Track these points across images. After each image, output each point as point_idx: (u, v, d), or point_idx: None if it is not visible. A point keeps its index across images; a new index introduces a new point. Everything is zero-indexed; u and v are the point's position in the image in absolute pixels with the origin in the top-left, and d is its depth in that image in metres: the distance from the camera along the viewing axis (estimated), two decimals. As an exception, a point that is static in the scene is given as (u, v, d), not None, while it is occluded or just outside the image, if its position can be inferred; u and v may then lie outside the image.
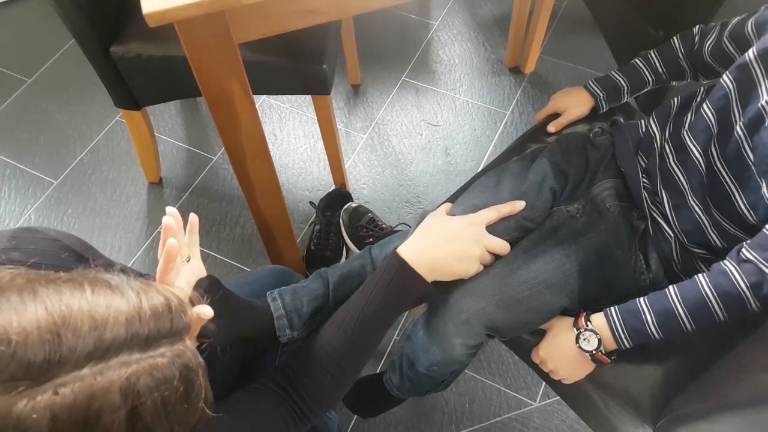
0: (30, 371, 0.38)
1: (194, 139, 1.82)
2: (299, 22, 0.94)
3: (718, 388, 0.81)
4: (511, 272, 0.88)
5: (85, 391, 0.40)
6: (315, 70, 1.27)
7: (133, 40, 1.27)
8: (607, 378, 0.92)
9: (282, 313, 0.88)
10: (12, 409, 0.37)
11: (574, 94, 1.15)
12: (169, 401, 0.44)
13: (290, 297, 0.89)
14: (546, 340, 0.91)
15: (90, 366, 0.40)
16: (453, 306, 0.88)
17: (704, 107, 0.88)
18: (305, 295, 0.90)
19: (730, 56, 0.95)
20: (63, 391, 0.39)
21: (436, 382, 1.05)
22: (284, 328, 0.87)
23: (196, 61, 0.92)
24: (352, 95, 1.91)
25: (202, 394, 0.48)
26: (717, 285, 0.79)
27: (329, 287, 0.91)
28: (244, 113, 1.02)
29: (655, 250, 0.95)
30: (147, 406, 0.42)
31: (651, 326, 0.82)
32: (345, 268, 0.94)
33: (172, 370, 0.45)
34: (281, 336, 0.88)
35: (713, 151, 0.87)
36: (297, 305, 0.89)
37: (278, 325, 0.87)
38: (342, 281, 0.92)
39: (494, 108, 1.87)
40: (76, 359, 0.40)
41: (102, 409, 0.40)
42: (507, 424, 1.35)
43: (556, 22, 2.05)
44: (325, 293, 0.91)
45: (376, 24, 2.06)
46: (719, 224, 0.88)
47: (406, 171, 1.75)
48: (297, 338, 0.89)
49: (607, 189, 0.99)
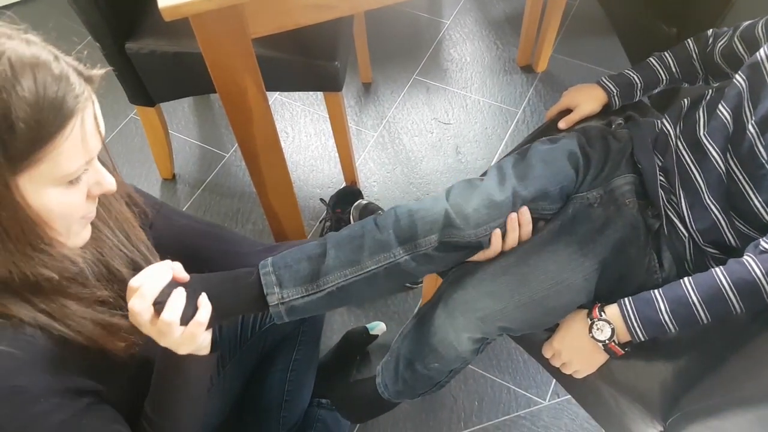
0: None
1: (207, 135, 1.84)
2: (312, 17, 0.95)
3: (730, 383, 0.80)
4: (529, 273, 0.87)
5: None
6: (327, 66, 1.28)
7: (147, 37, 1.29)
8: (618, 374, 0.91)
9: (269, 270, 0.82)
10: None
11: (587, 90, 1.15)
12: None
13: (281, 256, 0.85)
14: (559, 331, 0.91)
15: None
16: (468, 303, 0.88)
17: (720, 107, 0.88)
18: (297, 253, 0.86)
19: (740, 57, 0.97)
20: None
21: (432, 382, 1.04)
22: (272, 285, 0.81)
23: (210, 56, 0.93)
24: (363, 93, 1.91)
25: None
26: (732, 273, 0.78)
27: (325, 248, 0.86)
28: (256, 108, 1.03)
29: (668, 249, 0.94)
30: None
31: (665, 316, 0.81)
32: (344, 231, 0.89)
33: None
34: (269, 295, 0.81)
35: (729, 150, 0.87)
36: (287, 262, 0.83)
37: (265, 282, 0.81)
38: (342, 242, 0.87)
39: (506, 106, 1.87)
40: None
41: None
42: (516, 422, 1.35)
43: (568, 20, 2.05)
44: (321, 253, 0.85)
45: (388, 23, 2.07)
46: (734, 223, 0.88)
47: (417, 169, 1.75)
48: (289, 301, 0.82)
49: (627, 183, 0.97)
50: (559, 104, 1.20)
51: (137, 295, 0.66)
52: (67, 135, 0.54)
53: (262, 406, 1.19)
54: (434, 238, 0.86)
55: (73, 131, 0.55)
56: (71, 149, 0.55)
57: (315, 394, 1.23)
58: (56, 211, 0.58)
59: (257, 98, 1.02)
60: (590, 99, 1.14)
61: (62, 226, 0.60)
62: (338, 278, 0.84)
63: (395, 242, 0.86)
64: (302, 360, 1.20)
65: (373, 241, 0.85)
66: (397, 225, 0.86)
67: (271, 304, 0.82)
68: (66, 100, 0.54)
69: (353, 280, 0.85)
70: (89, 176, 0.60)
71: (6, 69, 0.51)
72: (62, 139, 0.54)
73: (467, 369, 1.38)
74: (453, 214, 0.86)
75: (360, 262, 0.85)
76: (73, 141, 0.55)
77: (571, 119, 1.15)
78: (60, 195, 0.57)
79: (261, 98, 1.02)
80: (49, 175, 0.55)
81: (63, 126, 0.54)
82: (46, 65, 0.53)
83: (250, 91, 1.00)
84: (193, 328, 0.67)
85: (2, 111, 0.50)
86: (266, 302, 0.82)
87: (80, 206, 0.61)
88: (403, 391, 1.09)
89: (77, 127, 0.55)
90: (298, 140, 1.82)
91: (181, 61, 1.29)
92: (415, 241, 0.86)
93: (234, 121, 1.06)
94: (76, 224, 0.62)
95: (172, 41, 1.28)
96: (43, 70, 0.53)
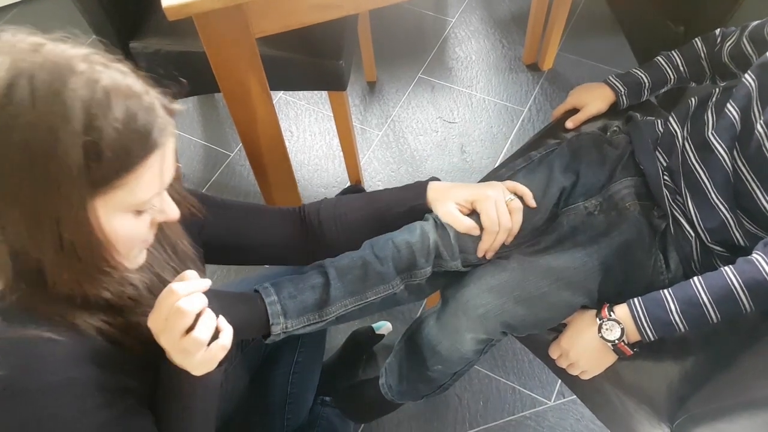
0: None
1: (212, 135, 1.84)
2: (316, 16, 0.94)
3: (739, 385, 0.79)
4: (530, 268, 0.87)
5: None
6: (332, 65, 1.27)
7: (152, 36, 1.29)
8: (624, 375, 0.91)
9: (275, 299, 0.83)
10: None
11: (594, 90, 1.14)
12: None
13: (284, 284, 0.85)
14: (567, 331, 0.91)
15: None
16: (469, 301, 0.88)
17: (729, 106, 0.88)
18: (300, 282, 0.86)
19: (748, 57, 0.96)
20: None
21: (436, 384, 1.04)
22: (277, 315, 0.83)
23: (214, 55, 0.92)
24: (367, 92, 1.91)
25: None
26: (742, 272, 0.78)
27: (328, 277, 0.87)
28: (261, 107, 1.03)
29: (675, 250, 0.94)
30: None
31: (675, 315, 0.81)
32: (344, 260, 0.90)
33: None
34: (274, 324, 0.83)
35: (736, 149, 0.87)
36: (291, 292, 0.85)
37: (271, 312, 0.83)
38: (343, 272, 0.88)
39: (511, 105, 1.86)
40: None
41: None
42: (521, 423, 1.34)
43: (574, 18, 2.04)
44: (324, 283, 0.87)
45: (393, 21, 2.06)
46: (742, 223, 0.87)
47: (421, 168, 1.74)
48: (292, 330, 0.84)
49: (626, 188, 0.98)
50: (565, 104, 1.19)
51: (178, 311, 0.61)
52: (149, 166, 0.56)
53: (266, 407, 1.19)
54: (429, 270, 0.90)
55: (154, 163, 0.56)
56: (149, 180, 0.57)
57: (320, 393, 1.23)
58: (122, 235, 0.59)
59: (261, 97, 1.01)
60: (597, 98, 1.13)
61: (124, 249, 0.61)
62: (339, 308, 0.87)
63: (394, 274, 0.88)
64: (305, 361, 1.19)
65: (374, 273, 0.87)
66: (396, 257, 0.88)
67: (274, 333, 0.84)
68: (152, 132, 0.55)
69: (352, 309, 0.88)
70: (156, 204, 0.62)
71: (100, 96, 0.52)
72: (144, 169, 0.56)
73: (472, 369, 1.38)
74: (441, 247, 0.89)
75: (362, 292, 0.88)
76: (152, 172, 0.57)
77: (578, 119, 1.14)
78: (128, 221, 0.59)
79: (265, 97, 1.02)
80: (124, 201, 0.57)
81: (147, 156, 0.55)
82: (138, 96, 0.55)
83: (254, 91, 1.00)
84: (217, 350, 0.64)
85: (93, 136, 0.52)
86: (269, 329, 0.83)
87: (144, 233, 0.62)
88: (407, 393, 1.08)
89: (158, 158, 0.57)
90: (302, 139, 1.81)
91: (186, 60, 1.28)
92: (411, 272, 0.89)
93: (238, 120, 1.06)
94: (136, 248, 0.64)
95: (176, 40, 1.27)
96: (135, 100, 0.55)
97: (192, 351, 0.62)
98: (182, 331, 0.61)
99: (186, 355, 0.63)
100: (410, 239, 0.89)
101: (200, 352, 0.62)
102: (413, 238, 0.89)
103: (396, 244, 0.89)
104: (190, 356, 0.63)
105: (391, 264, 0.88)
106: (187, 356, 0.63)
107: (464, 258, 0.90)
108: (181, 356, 0.63)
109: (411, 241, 0.89)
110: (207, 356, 0.64)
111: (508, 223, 0.89)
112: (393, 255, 0.88)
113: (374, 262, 0.88)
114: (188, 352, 0.62)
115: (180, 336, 0.61)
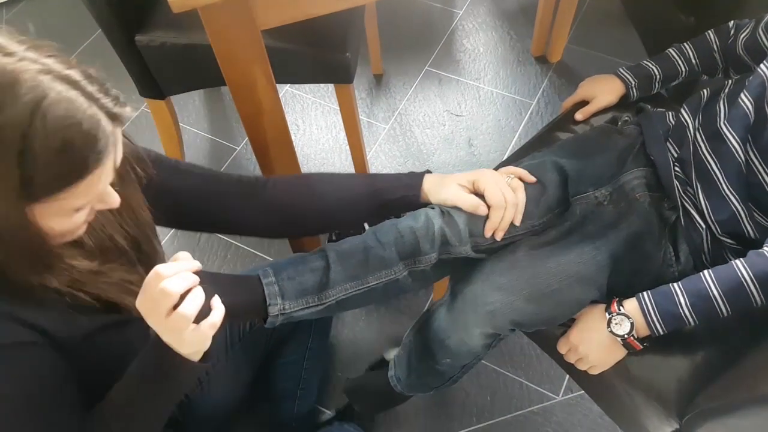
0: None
1: (218, 129, 1.84)
2: (323, 8, 0.94)
3: (749, 380, 0.79)
4: (539, 265, 0.87)
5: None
6: (338, 58, 1.27)
7: (157, 29, 1.28)
8: (633, 370, 0.90)
9: (272, 280, 0.83)
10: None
11: (604, 82, 1.13)
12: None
13: (283, 267, 0.86)
14: (576, 326, 0.90)
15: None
16: (479, 298, 0.87)
17: (742, 96, 0.87)
18: (300, 265, 0.86)
19: (764, 48, 0.95)
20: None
21: (444, 377, 1.04)
22: (275, 296, 0.83)
23: (219, 48, 0.92)
24: (374, 85, 1.90)
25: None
26: (753, 265, 0.77)
27: (328, 261, 0.87)
28: (266, 100, 1.02)
29: (685, 242, 0.93)
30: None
31: (685, 309, 0.80)
32: (345, 244, 0.90)
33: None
34: (271, 305, 0.82)
35: (749, 141, 0.86)
36: (290, 274, 0.85)
37: (268, 292, 0.83)
38: (344, 256, 0.88)
39: (519, 98, 1.84)
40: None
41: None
42: (529, 418, 1.34)
43: (583, 9, 2.02)
44: (324, 266, 0.87)
45: (399, 13, 2.05)
46: (753, 215, 0.87)
47: (428, 162, 1.73)
48: (290, 312, 0.84)
49: (637, 178, 0.97)
50: (575, 96, 1.18)
51: (163, 291, 0.62)
52: (86, 183, 0.58)
53: (276, 394, 1.20)
54: (434, 256, 0.89)
55: (92, 179, 0.58)
56: (87, 189, 0.59)
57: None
58: (59, 230, 0.62)
59: (267, 91, 1.01)
60: (607, 90, 1.12)
61: (61, 239, 0.64)
62: (340, 292, 0.87)
63: (397, 259, 0.88)
64: (317, 349, 1.22)
65: (376, 257, 0.87)
66: (400, 242, 0.88)
67: (271, 315, 0.83)
68: (89, 158, 0.57)
69: (353, 294, 0.87)
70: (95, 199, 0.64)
71: (38, 125, 0.53)
72: (81, 185, 0.58)
73: (479, 364, 1.37)
74: (448, 233, 0.88)
75: (363, 277, 0.87)
76: (91, 183, 0.59)
77: (588, 111, 1.13)
78: (66, 218, 0.61)
79: (271, 91, 1.01)
80: (62, 208, 0.59)
81: (83, 178, 0.57)
82: (79, 122, 0.55)
83: (260, 84, 0.99)
84: (206, 328, 0.65)
85: (27, 164, 0.54)
86: (267, 311, 0.83)
87: (81, 222, 0.64)
88: (415, 385, 1.08)
89: (97, 174, 0.59)
90: (308, 133, 1.81)
91: (192, 53, 1.28)
92: (415, 258, 0.88)
93: (244, 113, 1.06)
94: (76, 235, 0.66)
95: (183, 33, 1.27)
96: (75, 128, 0.55)
97: (180, 327, 0.63)
98: (167, 310, 0.62)
99: (174, 333, 0.64)
100: (414, 225, 0.89)
101: (188, 328, 0.63)
102: (417, 224, 0.89)
103: (399, 230, 0.89)
104: (178, 333, 0.64)
105: (394, 249, 0.88)
106: (175, 333, 0.64)
107: (474, 242, 0.89)
108: (169, 334, 0.64)
109: (415, 226, 0.88)
110: (196, 334, 0.64)
111: (513, 198, 0.89)
112: (396, 240, 0.88)
113: (376, 246, 0.88)
114: (176, 330, 0.64)
115: (166, 315, 0.62)
